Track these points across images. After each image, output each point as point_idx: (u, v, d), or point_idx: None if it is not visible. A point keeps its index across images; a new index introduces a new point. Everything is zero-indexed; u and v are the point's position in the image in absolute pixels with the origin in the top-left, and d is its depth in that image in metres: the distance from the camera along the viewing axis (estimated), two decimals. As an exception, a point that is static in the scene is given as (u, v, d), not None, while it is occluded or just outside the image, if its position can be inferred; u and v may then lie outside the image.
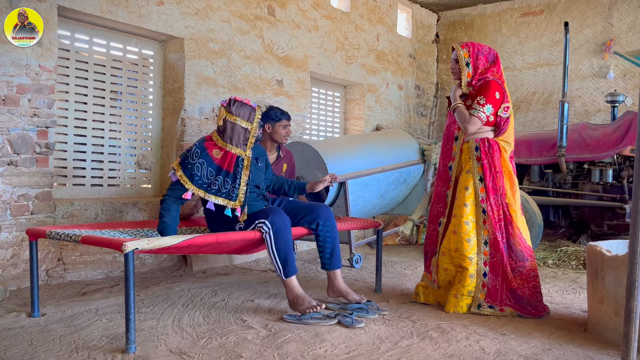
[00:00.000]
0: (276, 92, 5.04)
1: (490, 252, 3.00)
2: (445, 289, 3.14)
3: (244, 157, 3.01)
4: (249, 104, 3.03)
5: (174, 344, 2.40)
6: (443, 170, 3.24)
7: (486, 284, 2.99)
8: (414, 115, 7.13)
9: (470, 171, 3.06)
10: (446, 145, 3.26)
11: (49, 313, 2.84)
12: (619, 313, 2.44)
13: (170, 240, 2.49)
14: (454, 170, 3.16)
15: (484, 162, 3.04)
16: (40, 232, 2.73)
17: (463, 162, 3.12)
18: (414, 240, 6.09)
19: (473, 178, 3.05)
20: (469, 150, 3.10)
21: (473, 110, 3.04)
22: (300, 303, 2.88)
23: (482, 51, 3.12)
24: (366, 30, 6.20)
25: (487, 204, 3.01)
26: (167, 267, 4.16)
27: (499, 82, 3.08)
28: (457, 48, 3.13)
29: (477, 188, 3.04)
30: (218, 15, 4.51)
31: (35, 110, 3.43)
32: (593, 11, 6.26)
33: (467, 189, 3.04)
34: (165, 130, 4.41)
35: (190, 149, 2.98)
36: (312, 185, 3.28)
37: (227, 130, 2.98)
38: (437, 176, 3.31)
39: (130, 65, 4.20)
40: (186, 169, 2.91)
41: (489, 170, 3.03)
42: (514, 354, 2.35)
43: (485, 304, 2.98)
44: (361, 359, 2.27)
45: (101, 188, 4.05)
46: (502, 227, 3.01)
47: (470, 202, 3.03)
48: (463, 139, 3.14)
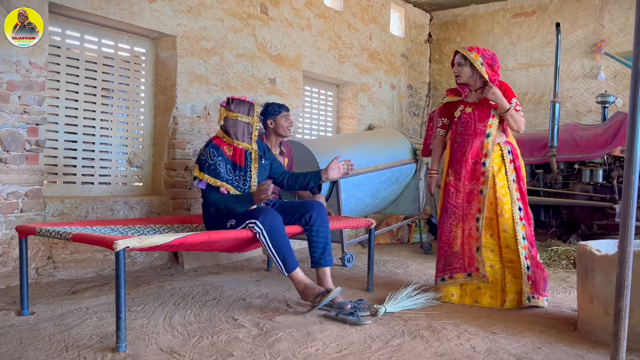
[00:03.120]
0: (269, 90, 5.03)
1: (528, 247, 3.19)
2: (489, 288, 3.20)
3: (251, 150, 3.14)
4: (246, 100, 3.17)
5: (164, 343, 2.39)
6: (473, 168, 3.25)
7: (530, 277, 3.15)
8: (406, 115, 7.14)
9: (507, 172, 3.23)
10: (473, 143, 3.25)
11: (39, 311, 2.81)
12: (609, 312, 2.45)
13: (162, 239, 2.48)
14: (488, 167, 3.22)
15: (516, 165, 3.26)
16: (30, 229, 2.71)
17: (494, 162, 3.24)
18: (406, 239, 6.10)
19: (509, 178, 3.23)
20: (502, 152, 3.26)
21: (519, 112, 3.22)
22: (310, 293, 2.92)
23: (487, 53, 3.27)
24: (359, 30, 6.20)
25: (521, 202, 3.23)
26: (158, 266, 4.14)
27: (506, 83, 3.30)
28: (466, 53, 3.23)
29: (512, 188, 3.23)
30: (211, 13, 4.50)
31: (26, 107, 3.40)
32: (584, 12, 6.30)
33: (507, 189, 3.22)
34: (157, 129, 4.39)
35: (203, 152, 3.08)
36: (327, 174, 3.28)
37: (231, 127, 3.10)
38: (463, 176, 3.26)
39: (122, 62, 4.18)
40: (210, 171, 3.02)
41: (520, 172, 3.27)
42: (505, 353, 2.36)
43: (532, 295, 3.13)
44: (352, 357, 2.27)
45: (92, 186, 4.03)
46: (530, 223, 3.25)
47: (512, 201, 3.21)
48: (494, 139, 3.23)
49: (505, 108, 3.18)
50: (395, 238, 6.07)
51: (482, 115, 3.26)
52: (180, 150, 4.32)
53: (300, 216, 3.14)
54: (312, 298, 2.91)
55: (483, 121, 3.25)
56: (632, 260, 1.75)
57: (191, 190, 4.42)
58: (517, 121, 3.22)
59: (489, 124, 3.24)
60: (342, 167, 3.29)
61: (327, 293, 2.87)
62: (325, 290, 2.91)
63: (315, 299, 2.89)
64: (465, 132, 3.29)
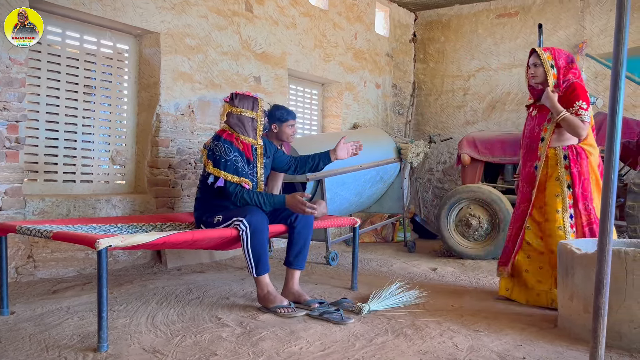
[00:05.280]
0: (254, 88, 5.01)
1: None
2: (540, 286, 3.21)
3: (256, 146, 3.15)
4: (250, 95, 3.18)
5: (147, 342, 2.37)
6: (529, 171, 3.30)
7: None
8: (390, 114, 7.17)
9: (559, 179, 3.18)
10: (530, 146, 3.30)
11: (19, 311, 2.77)
12: (588, 310, 2.49)
13: (145, 238, 2.46)
14: (539, 171, 3.23)
15: (572, 171, 3.15)
16: (10, 227, 2.66)
17: (549, 167, 3.21)
18: (390, 238, 6.13)
19: (561, 186, 3.17)
20: (556, 157, 3.19)
21: (580, 116, 3.10)
22: (271, 300, 2.90)
23: (562, 54, 3.22)
24: (344, 29, 6.20)
25: (575, 209, 3.15)
26: (141, 265, 4.11)
27: (582, 83, 3.18)
28: (540, 52, 3.19)
29: (565, 195, 3.17)
30: (195, 11, 4.46)
31: (5, 104, 3.35)
32: (566, 14, 6.38)
33: (557, 196, 3.18)
34: (140, 126, 4.35)
35: (216, 147, 3.04)
36: (336, 154, 3.35)
37: (236, 122, 3.11)
38: (521, 176, 3.38)
39: (104, 59, 4.13)
40: (227, 167, 3.00)
41: (578, 179, 3.14)
42: (487, 350, 2.38)
43: None
44: (336, 356, 2.28)
45: (74, 184, 3.98)
46: (592, 230, 3.13)
47: (560, 209, 3.16)
48: (549, 144, 3.20)
49: (557, 112, 3.11)
50: (379, 237, 6.10)
51: (541, 119, 3.26)
52: (163, 148, 4.29)
53: (286, 215, 3.14)
54: (270, 306, 2.88)
55: (540, 125, 3.26)
56: (611, 258, 1.77)
57: (174, 188, 4.39)
58: (571, 126, 3.09)
59: (544, 128, 3.23)
60: (350, 148, 3.32)
61: (288, 309, 2.85)
62: (287, 305, 2.88)
63: (272, 309, 2.87)
64: (530, 135, 3.32)
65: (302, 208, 3.00)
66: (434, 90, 7.30)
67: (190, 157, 4.49)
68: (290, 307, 2.87)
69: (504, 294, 3.36)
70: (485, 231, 4.81)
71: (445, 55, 7.22)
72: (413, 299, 3.19)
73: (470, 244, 4.88)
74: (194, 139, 4.51)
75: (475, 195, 4.83)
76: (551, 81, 3.17)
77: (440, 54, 7.27)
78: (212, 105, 4.63)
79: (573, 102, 3.10)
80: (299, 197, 3.00)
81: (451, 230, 4.95)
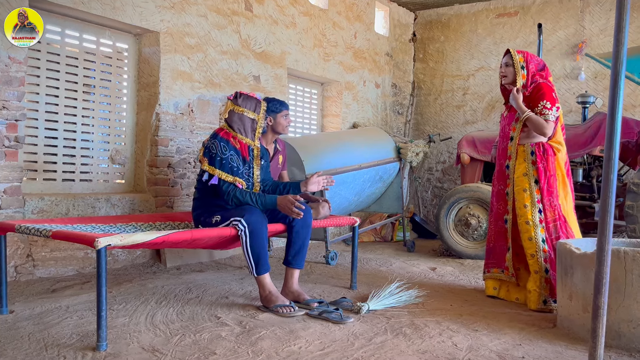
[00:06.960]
0: (253, 88, 5.01)
1: (548, 250, 3.18)
2: (523, 287, 3.27)
3: (253, 147, 3.15)
4: (254, 96, 3.18)
5: (146, 341, 2.37)
6: (500, 169, 3.39)
7: (549, 280, 3.14)
8: (390, 114, 7.17)
9: (527, 174, 3.23)
10: (501, 145, 3.40)
11: (18, 310, 2.77)
12: (587, 309, 2.49)
13: (144, 237, 2.46)
14: (511, 169, 3.30)
15: (539, 166, 3.21)
16: (9, 226, 2.66)
17: (518, 163, 3.27)
18: (389, 237, 6.13)
19: (529, 180, 3.22)
20: (525, 153, 3.25)
21: (544, 115, 3.16)
22: (273, 301, 2.90)
23: (534, 59, 3.31)
24: (344, 28, 6.20)
25: (542, 204, 3.19)
26: (140, 264, 4.11)
27: (549, 84, 3.24)
28: (513, 53, 3.27)
29: (533, 190, 3.21)
30: (194, 10, 4.46)
31: (4, 103, 3.34)
32: (566, 13, 6.38)
33: (525, 191, 3.23)
34: (140, 125, 4.34)
35: (212, 145, 3.03)
36: (306, 186, 3.28)
37: (236, 121, 3.11)
38: (494, 176, 3.45)
39: (103, 58, 4.12)
40: (222, 165, 2.99)
41: (544, 174, 3.20)
42: (486, 350, 2.39)
43: (550, 299, 3.12)
44: (335, 355, 2.28)
45: (73, 183, 3.97)
46: (556, 227, 3.18)
47: (528, 203, 3.20)
48: (518, 141, 3.27)
49: (522, 112, 3.20)
50: (378, 236, 6.10)
51: (510, 118, 3.35)
52: (163, 147, 4.28)
53: (285, 215, 3.14)
54: (271, 306, 2.89)
55: (509, 124, 3.34)
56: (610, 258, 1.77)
57: (174, 187, 4.39)
58: (535, 125, 3.17)
59: (513, 127, 3.31)
60: (321, 182, 3.31)
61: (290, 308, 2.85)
62: (289, 304, 2.89)
63: (272, 308, 2.88)
64: (502, 134, 3.41)
65: (290, 208, 2.98)
66: (433, 89, 7.30)
67: (189, 157, 4.49)
68: (291, 307, 2.87)
69: (490, 293, 3.40)
70: (484, 231, 4.81)
71: (444, 55, 7.22)
72: (412, 298, 3.20)
73: (469, 243, 4.88)
74: (194, 138, 4.51)
75: (475, 194, 4.83)
76: (520, 82, 3.25)
77: (439, 53, 7.26)
78: (211, 105, 4.63)
79: (538, 102, 3.19)
80: (290, 198, 2.99)
81: (450, 229, 4.95)
